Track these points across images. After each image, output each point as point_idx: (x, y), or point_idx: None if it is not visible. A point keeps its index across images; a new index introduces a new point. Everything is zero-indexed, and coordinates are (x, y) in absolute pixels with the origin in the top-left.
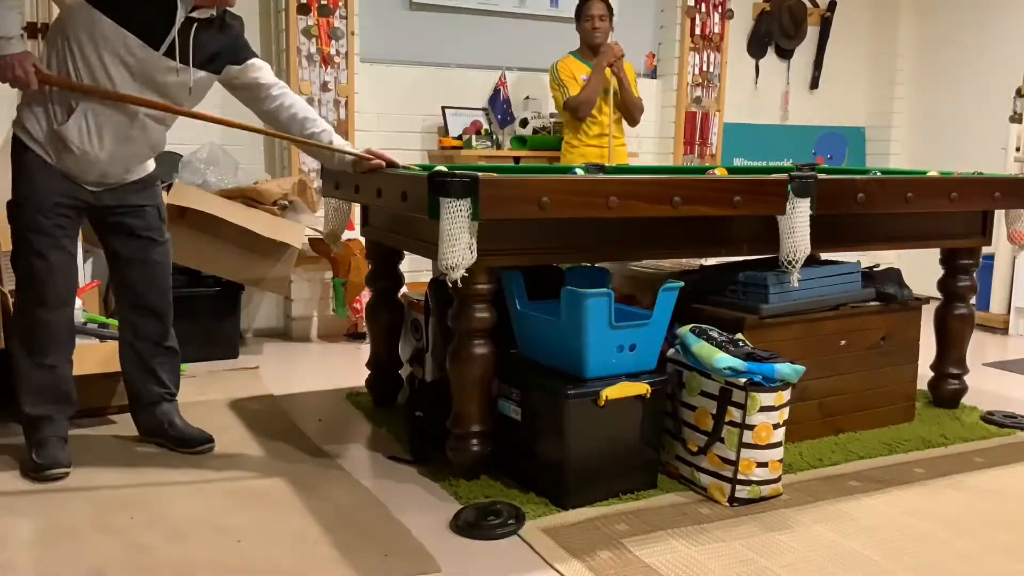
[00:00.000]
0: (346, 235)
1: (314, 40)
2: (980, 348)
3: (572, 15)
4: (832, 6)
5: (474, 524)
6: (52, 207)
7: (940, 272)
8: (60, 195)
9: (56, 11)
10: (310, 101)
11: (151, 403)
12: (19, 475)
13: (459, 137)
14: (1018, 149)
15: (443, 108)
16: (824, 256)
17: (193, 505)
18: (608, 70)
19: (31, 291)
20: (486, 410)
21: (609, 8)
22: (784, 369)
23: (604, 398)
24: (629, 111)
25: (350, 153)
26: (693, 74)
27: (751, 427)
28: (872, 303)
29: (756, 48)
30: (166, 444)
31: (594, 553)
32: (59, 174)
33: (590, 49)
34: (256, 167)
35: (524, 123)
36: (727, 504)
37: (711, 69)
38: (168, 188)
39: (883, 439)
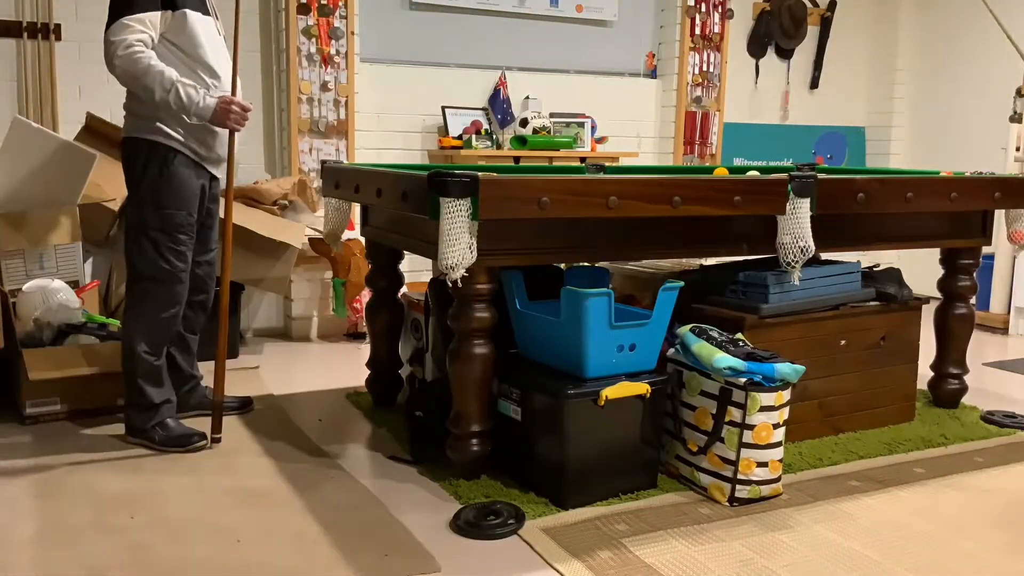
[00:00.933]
0: (346, 235)
1: (314, 40)
2: (980, 348)
3: (572, 15)
4: (832, 6)
5: (474, 524)
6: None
7: (940, 272)
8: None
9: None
10: (310, 101)
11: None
12: (18, 475)
13: (459, 137)
14: (1018, 149)
15: (443, 108)
16: (824, 256)
17: (193, 505)
18: None
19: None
20: (486, 410)
21: None
22: (784, 369)
23: (604, 398)
24: None
25: None
26: (693, 74)
27: (751, 427)
28: (872, 303)
29: (756, 48)
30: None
31: (594, 553)
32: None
33: None
34: (256, 167)
35: (524, 123)
36: (727, 504)
37: (711, 69)
38: None
39: (883, 439)
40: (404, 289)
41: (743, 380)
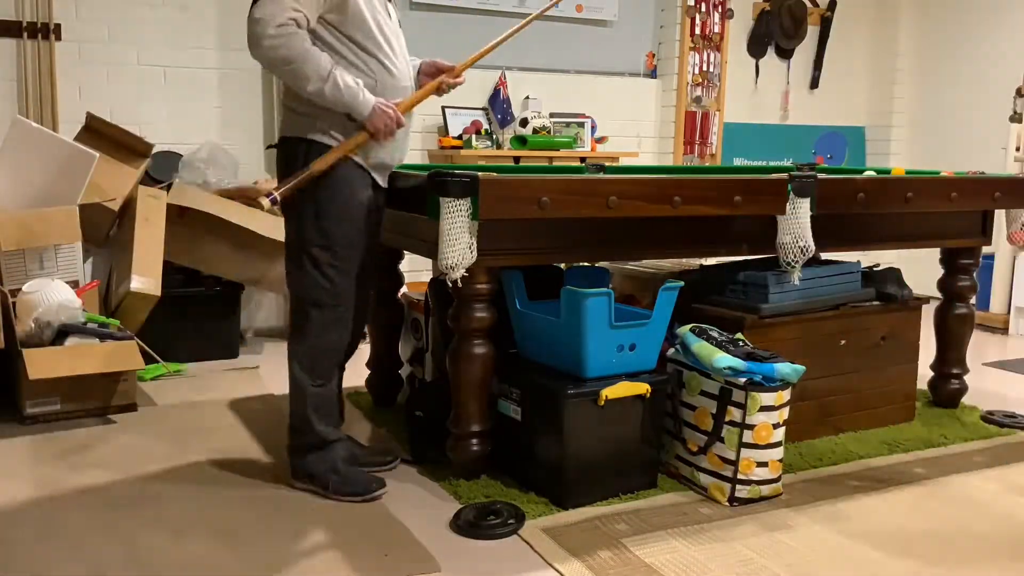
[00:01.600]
0: None
1: None
2: (980, 348)
3: (572, 15)
4: (832, 6)
5: (474, 524)
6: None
7: (940, 272)
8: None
9: None
10: None
11: None
12: (18, 475)
13: (459, 137)
14: (1018, 149)
15: (443, 108)
16: (824, 256)
17: (193, 505)
18: None
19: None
20: (486, 410)
21: None
22: (784, 369)
23: (604, 398)
24: None
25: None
26: (693, 74)
27: (751, 427)
28: (872, 303)
29: (756, 48)
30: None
31: (594, 553)
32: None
33: None
34: (256, 167)
35: (524, 123)
36: (727, 504)
37: (711, 69)
38: (168, 188)
39: (883, 439)
40: (404, 289)
41: (743, 380)
